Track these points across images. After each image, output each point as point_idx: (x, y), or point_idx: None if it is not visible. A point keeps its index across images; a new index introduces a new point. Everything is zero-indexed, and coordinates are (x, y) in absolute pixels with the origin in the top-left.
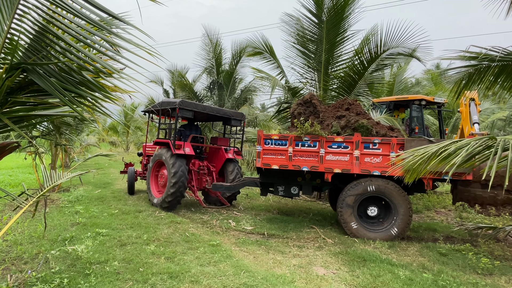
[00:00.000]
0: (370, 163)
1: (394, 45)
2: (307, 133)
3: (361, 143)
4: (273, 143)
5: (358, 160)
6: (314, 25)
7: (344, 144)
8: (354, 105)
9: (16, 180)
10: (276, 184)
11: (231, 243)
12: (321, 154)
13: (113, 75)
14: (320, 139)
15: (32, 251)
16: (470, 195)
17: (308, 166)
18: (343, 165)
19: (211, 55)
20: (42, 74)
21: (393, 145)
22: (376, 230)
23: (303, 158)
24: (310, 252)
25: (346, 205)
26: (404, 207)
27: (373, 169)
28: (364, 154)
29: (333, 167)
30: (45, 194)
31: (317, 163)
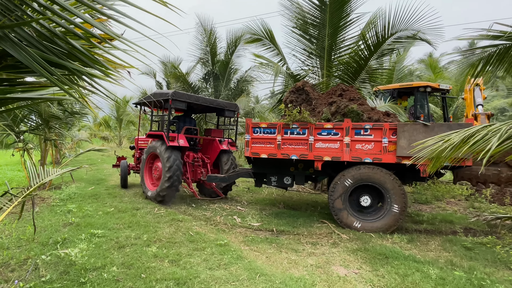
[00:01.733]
0: (362, 150)
1: (402, 27)
2: (296, 121)
3: (351, 129)
4: (262, 132)
5: (349, 147)
6: (316, 8)
7: (334, 130)
8: (348, 91)
9: (4, 177)
10: (269, 175)
11: (239, 242)
12: (310, 141)
13: (106, 45)
14: (309, 126)
15: (20, 257)
16: (472, 173)
17: (297, 154)
18: (333, 153)
19: (205, 44)
20: (18, 42)
21: (385, 130)
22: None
23: (292, 147)
24: (325, 250)
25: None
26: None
27: (365, 156)
28: (355, 140)
29: (323, 155)
30: (32, 193)
31: (306, 151)
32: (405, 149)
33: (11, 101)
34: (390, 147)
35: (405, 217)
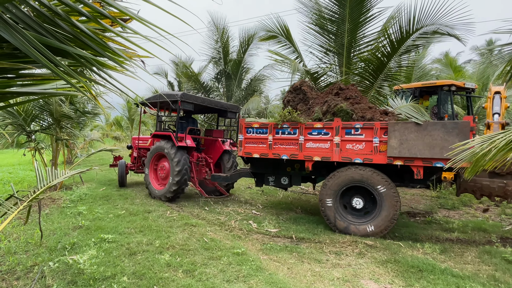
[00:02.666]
0: (352, 150)
1: (428, 22)
2: (287, 120)
3: (341, 128)
4: (255, 132)
5: (339, 147)
6: (334, 3)
7: (325, 130)
8: (347, 90)
9: (16, 177)
10: (267, 175)
11: (257, 250)
12: (301, 141)
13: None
14: (299, 126)
15: (27, 263)
16: (476, 185)
17: (287, 154)
18: (323, 153)
19: (218, 43)
20: (12, 24)
21: (376, 129)
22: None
23: (283, 146)
24: (351, 260)
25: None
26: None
27: (355, 157)
28: (345, 140)
29: (313, 155)
30: (39, 196)
31: (296, 151)
32: (396, 149)
33: (10, 97)
34: (381, 147)
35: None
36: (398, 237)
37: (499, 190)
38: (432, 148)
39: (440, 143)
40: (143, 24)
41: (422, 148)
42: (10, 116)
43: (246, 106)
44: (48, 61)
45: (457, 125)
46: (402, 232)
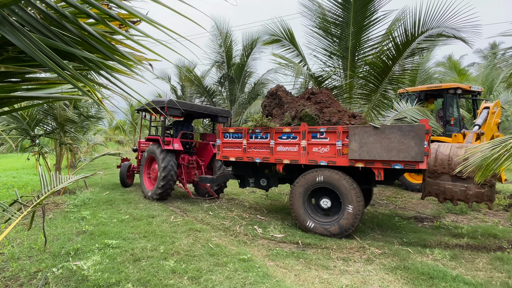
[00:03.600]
0: (318, 153)
1: (434, 25)
2: (259, 125)
3: (307, 132)
4: (231, 136)
5: (306, 150)
6: (339, 7)
7: (293, 134)
8: (319, 94)
9: (20, 181)
10: (247, 176)
11: (263, 256)
12: (271, 145)
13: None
14: (270, 131)
15: (30, 269)
16: (439, 188)
17: (260, 157)
18: (292, 156)
19: (222, 47)
20: (18, 27)
21: (339, 133)
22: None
23: (256, 150)
24: (359, 267)
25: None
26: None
27: (320, 159)
28: (312, 144)
29: (283, 158)
30: (43, 202)
31: (268, 154)
32: (356, 152)
33: (15, 101)
34: (344, 150)
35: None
36: (407, 242)
37: (461, 193)
38: (389, 150)
39: (397, 146)
40: (152, 26)
41: (381, 151)
42: (14, 120)
43: (249, 109)
44: (55, 65)
45: (413, 128)
46: (410, 237)
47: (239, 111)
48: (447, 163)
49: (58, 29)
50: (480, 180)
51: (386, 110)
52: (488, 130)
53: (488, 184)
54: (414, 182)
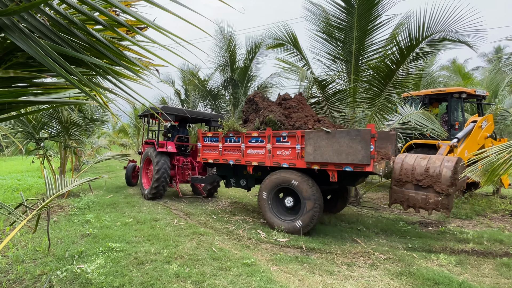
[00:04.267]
0: (281, 156)
1: (438, 29)
2: (232, 130)
3: (272, 137)
4: (209, 140)
5: (271, 153)
6: (342, 11)
7: (260, 138)
8: (289, 100)
9: (24, 184)
10: (229, 177)
11: (267, 261)
12: (242, 148)
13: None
14: (241, 135)
15: (34, 272)
16: (403, 196)
17: (233, 159)
18: (259, 158)
19: (225, 50)
20: (28, 33)
21: (298, 137)
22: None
23: (230, 153)
24: (364, 272)
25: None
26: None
27: (283, 162)
28: (276, 147)
29: (252, 160)
30: (48, 205)
31: (240, 157)
32: (311, 155)
33: (23, 105)
34: (302, 153)
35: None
36: (411, 248)
37: (422, 201)
38: (340, 154)
39: (346, 149)
40: (159, 32)
41: (332, 154)
42: (19, 124)
43: None
44: (64, 70)
45: (360, 133)
46: (415, 242)
47: (242, 115)
48: (411, 172)
49: (66, 35)
50: (484, 184)
51: (390, 114)
52: (473, 144)
53: (444, 193)
54: None
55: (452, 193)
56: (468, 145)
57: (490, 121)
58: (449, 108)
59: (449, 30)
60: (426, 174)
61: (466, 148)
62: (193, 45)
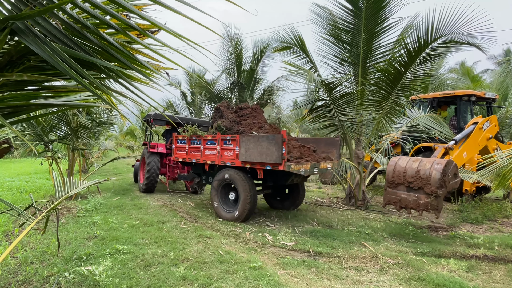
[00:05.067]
0: (226, 156)
1: (447, 32)
2: (194, 134)
3: (220, 140)
4: (181, 142)
5: (219, 153)
6: (350, 14)
7: (213, 141)
8: (245, 109)
9: (33, 186)
10: (201, 175)
11: (273, 264)
12: (201, 149)
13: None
14: (200, 138)
15: (43, 273)
16: (396, 197)
17: (195, 159)
18: (212, 158)
19: (232, 54)
20: (41, 37)
21: (237, 141)
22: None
23: (193, 153)
24: (372, 277)
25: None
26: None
27: (227, 161)
28: (223, 149)
29: (207, 160)
30: (57, 207)
31: (199, 156)
32: (243, 155)
33: (35, 108)
34: (239, 154)
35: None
36: (421, 252)
37: (413, 202)
38: (262, 155)
39: (265, 151)
40: (171, 35)
41: (257, 155)
42: (29, 126)
43: None
44: (77, 74)
45: (274, 138)
46: (424, 247)
47: None
48: (403, 174)
49: (79, 39)
50: (497, 189)
51: (398, 117)
52: (473, 145)
53: (434, 195)
54: None
55: (441, 195)
56: (468, 147)
57: (493, 122)
58: (458, 111)
59: (458, 33)
60: (417, 176)
61: (466, 150)
62: (203, 48)
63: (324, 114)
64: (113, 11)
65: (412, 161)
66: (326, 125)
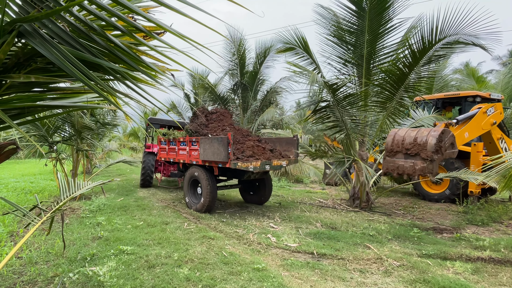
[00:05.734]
0: (193, 156)
1: (452, 32)
2: (171, 136)
3: (189, 141)
4: (163, 144)
5: (188, 153)
6: (353, 15)
7: (185, 143)
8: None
9: (37, 187)
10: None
11: (277, 266)
12: (177, 150)
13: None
14: (176, 140)
15: (47, 273)
16: (394, 165)
17: (172, 158)
18: (184, 157)
19: (235, 55)
20: (48, 39)
21: (199, 142)
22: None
23: (172, 153)
24: (377, 279)
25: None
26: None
27: (194, 160)
28: (191, 149)
29: (181, 159)
30: (62, 208)
31: (175, 156)
32: (202, 155)
33: (41, 109)
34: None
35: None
36: (426, 254)
37: (410, 168)
38: (214, 154)
39: (217, 151)
40: (177, 37)
41: (211, 155)
42: (33, 127)
43: (262, 117)
44: (83, 75)
45: (223, 139)
46: (429, 249)
47: (251, 119)
48: (401, 143)
49: (86, 41)
50: (502, 190)
51: (402, 118)
52: (476, 128)
53: (429, 159)
54: (432, 191)
55: (436, 160)
56: (470, 128)
57: (498, 110)
58: (463, 112)
59: (463, 33)
60: (414, 143)
61: (468, 130)
62: (209, 49)
63: (328, 115)
64: (120, 13)
65: (411, 130)
66: (330, 126)
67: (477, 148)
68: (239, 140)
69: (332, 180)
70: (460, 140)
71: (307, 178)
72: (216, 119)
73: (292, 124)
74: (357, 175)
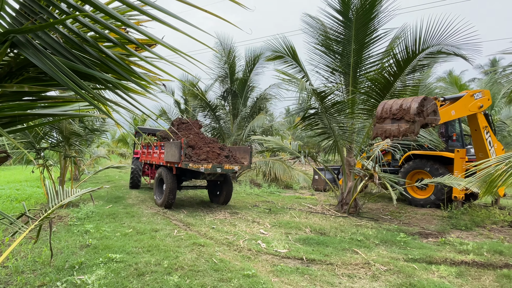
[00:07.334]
0: (162, 158)
1: (435, 42)
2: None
3: (160, 146)
4: (144, 148)
5: (158, 156)
6: (340, 25)
7: (157, 147)
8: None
9: (23, 194)
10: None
11: (267, 272)
12: (151, 153)
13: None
14: (151, 145)
15: (34, 282)
16: (382, 129)
17: (149, 160)
18: (157, 160)
19: (224, 62)
20: (41, 49)
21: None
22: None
23: (149, 156)
24: (365, 284)
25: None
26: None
27: (161, 161)
28: (161, 152)
29: (155, 161)
30: (50, 215)
31: (151, 158)
32: (165, 156)
33: (32, 118)
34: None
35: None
36: (412, 259)
37: (395, 130)
38: (172, 156)
39: (175, 154)
40: (167, 48)
41: (171, 157)
42: (21, 134)
43: (252, 123)
44: (75, 85)
45: (177, 143)
46: (415, 254)
47: (241, 125)
48: (389, 110)
49: (79, 51)
50: (483, 196)
51: None
52: (463, 108)
53: (411, 120)
54: (418, 197)
55: (418, 121)
56: (457, 107)
57: (486, 96)
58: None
59: (445, 44)
60: (400, 109)
61: (454, 109)
62: (196, 59)
63: (316, 122)
64: (113, 26)
65: (398, 99)
66: (318, 132)
67: (460, 154)
68: (200, 146)
69: (321, 186)
70: (447, 116)
71: (296, 184)
72: (185, 128)
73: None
74: (345, 181)
